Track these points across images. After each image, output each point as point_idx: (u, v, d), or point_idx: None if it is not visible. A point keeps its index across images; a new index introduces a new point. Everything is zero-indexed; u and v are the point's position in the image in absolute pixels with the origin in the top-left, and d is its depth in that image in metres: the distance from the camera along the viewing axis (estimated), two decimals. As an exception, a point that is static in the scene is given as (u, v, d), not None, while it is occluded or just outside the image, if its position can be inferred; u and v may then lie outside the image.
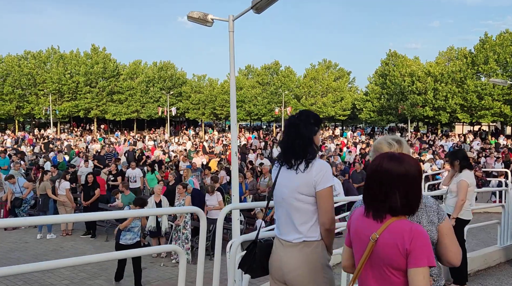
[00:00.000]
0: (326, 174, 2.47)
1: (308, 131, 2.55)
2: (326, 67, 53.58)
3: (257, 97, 50.41)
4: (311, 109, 48.63)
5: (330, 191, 2.48)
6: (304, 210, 2.48)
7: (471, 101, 37.63)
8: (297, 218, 2.49)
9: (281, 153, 2.62)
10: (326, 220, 2.46)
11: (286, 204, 2.54)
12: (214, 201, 10.00)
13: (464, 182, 5.20)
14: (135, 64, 54.48)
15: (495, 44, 37.51)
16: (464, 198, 5.21)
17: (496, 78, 17.10)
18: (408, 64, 44.64)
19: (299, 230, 2.48)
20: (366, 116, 47.37)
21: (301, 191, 2.47)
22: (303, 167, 2.48)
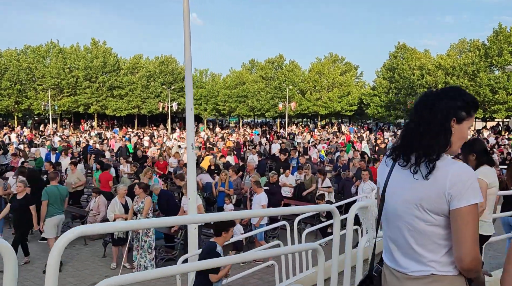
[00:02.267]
0: (469, 184, 1.69)
1: (446, 115, 1.73)
2: (332, 61, 51.93)
3: (260, 92, 48.96)
4: (316, 104, 47.55)
5: (474, 210, 1.69)
6: (430, 234, 1.76)
7: (484, 96, 35.79)
8: (420, 242, 1.78)
9: (398, 142, 1.88)
10: (463, 255, 1.67)
11: (402, 222, 1.82)
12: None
13: (482, 182, 3.73)
14: (136, 59, 53.32)
15: (510, 35, 35.61)
16: (483, 203, 3.76)
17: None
18: (417, 57, 42.84)
19: (422, 259, 1.77)
20: (373, 111, 45.68)
21: (425, 205, 1.73)
22: (425, 169, 1.72)
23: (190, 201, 5.59)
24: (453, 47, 42.66)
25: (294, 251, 3.14)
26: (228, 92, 50.39)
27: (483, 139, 25.80)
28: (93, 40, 51.54)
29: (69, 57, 49.61)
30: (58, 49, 50.11)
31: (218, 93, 51.03)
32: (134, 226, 3.60)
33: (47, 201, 7.14)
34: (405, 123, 1.91)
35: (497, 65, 36.03)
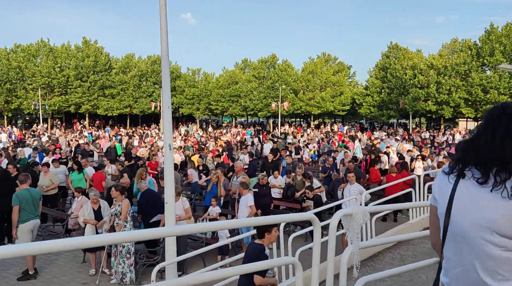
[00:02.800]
0: None
1: None
2: (325, 60, 51.79)
3: (253, 92, 48.69)
4: (309, 104, 47.39)
5: None
6: (506, 260, 1.52)
7: (475, 95, 35.84)
8: (491, 270, 1.54)
9: (468, 155, 1.65)
10: None
11: (470, 245, 1.60)
12: (178, 209, 8.18)
13: None
14: (128, 58, 52.78)
15: (501, 35, 35.67)
16: None
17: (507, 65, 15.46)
18: (410, 57, 42.84)
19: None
20: (366, 111, 45.60)
21: (501, 229, 1.50)
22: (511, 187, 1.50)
23: (168, 206, 5.29)
24: (445, 47, 42.71)
25: (267, 267, 2.84)
26: (221, 92, 50.06)
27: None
28: (84, 39, 50.97)
29: (59, 56, 48.99)
30: (48, 48, 49.47)
31: (210, 93, 50.68)
32: (104, 240, 3.28)
33: (19, 206, 6.76)
34: (472, 135, 1.71)
35: (489, 65, 36.10)
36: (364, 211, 3.06)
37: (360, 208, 3.01)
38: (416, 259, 7.48)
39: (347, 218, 3.02)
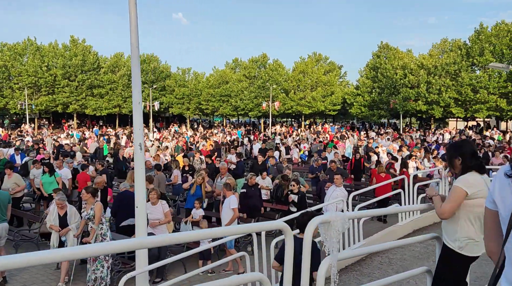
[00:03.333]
0: None
1: None
2: (316, 60, 51.62)
3: (244, 92, 48.35)
4: (300, 104, 47.14)
5: None
6: None
7: (465, 95, 35.92)
8: None
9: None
10: None
11: None
12: (158, 213, 7.70)
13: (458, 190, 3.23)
14: (117, 57, 52.06)
15: (491, 35, 35.79)
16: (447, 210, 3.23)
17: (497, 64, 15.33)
18: (400, 57, 42.84)
19: None
20: (356, 111, 45.51)
21: None
22: None
23: (138, 211, 4.95)
24: (435, 47, 42.80)
25: (233, 284, 2.51)
26: (211, 91, 49.65)
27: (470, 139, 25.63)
28: (72, 38, 50.16)
29: (47, 55, 48.11)
30: (35, 47, 48.57)
31: (201, 93, 50.23)
32: (74, 254, 2.84)
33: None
34: None
35: (479, 65, 36.20)
36: (344, 217, 2.76)
37: (338, 214, 2.71)
38: (405, 263, 7.22)
39: (325, 226, 2.72)
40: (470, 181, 3.28)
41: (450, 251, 3.34)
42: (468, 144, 3.49)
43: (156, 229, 7.65)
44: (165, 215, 7.79)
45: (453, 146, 3.53)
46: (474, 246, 3.29)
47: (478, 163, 3.37)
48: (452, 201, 3.27)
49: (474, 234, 3.29)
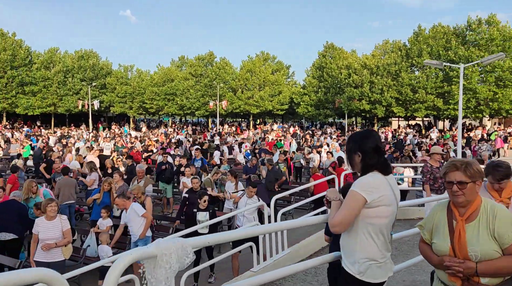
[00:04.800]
0: None
1: None
2: (263, 59, 51.22)
3: (190, 90, 46.85)
4: (248, 103, 46.53)
5: None
6: None
7: (405, 95, 36.95)
8: None
9: None
10: None
11: None
12: (55, 231, 6.17)
13: (356, 196, 2.50)
14: (51, 52, 48.51)
15: (428, 37, 37.09)
16: (342, 221, 2.47)
17: (432, 61, 15.46)
18: (345, 57, 43.44)
19: None
20: (303, 110, 45.59)
21: None
22: None
23: None
24: (378, 47, 43.84)
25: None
26: (155, 90, 47.65)
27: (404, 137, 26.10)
28: (0, 31, 46.02)
29: (-31, 48, 43.83)
30: (-44, 39, 44.11)
31: (145, 91, 48.07)
32: None
33: None
34: None
35: (417, 65, 37.38)
36: (182, 247, 1.85)
37: (172, 243, 1.78)
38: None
39: (150, 262, 1.80)
40: (371, 184, 2.50)
41: (349, 278, 2.56)
42: (372, 136, 2.68)
43: (49, 253, 6.13)
44: (64, 234, 6.25)
45: (353, 138, 2.72)
46: (377, 269, 2.51)
47: (382, 160, 2.61)
48: (346, 210, 2.49)
49: (377, 253, 2.52)
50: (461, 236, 2.30)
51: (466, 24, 35.83)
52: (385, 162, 2.63)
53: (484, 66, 33.94)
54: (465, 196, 2.34)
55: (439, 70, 35.88)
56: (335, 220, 2.50)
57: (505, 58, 33.09)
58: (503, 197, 3.42)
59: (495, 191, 3.47)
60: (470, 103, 34.35)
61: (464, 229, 2.33)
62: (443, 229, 2.42)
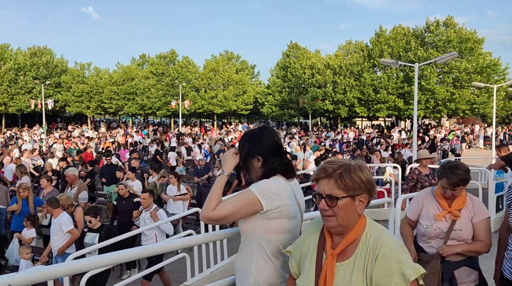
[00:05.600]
0: None
1: None
2: (227, 58, 50.43)
3: (150, 89, 45.33)
4: (211, 103, 45.65)
5: None
6: None
7: (368, 95, 37.30)
8: None
9: None
10: None
11: None
12: None
13: (250, 194, 1.98)
14: (2, 49, 45.57)
15: (389, 38, 37.62)
16: (222, 213, 2.04)
17: (387, 59, 15.39)
18: (308, 57, 43.44)
19: None
20: (267, 110, 45.22)
21: None
22: None
23: None
24: (341, 48, 44.15)
25: None
26: (114, 89, 45.77)
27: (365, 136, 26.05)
28: None
29: None
30: None
31: (103, 90, 46.07)
32: None
33: None
34: None
35: (379, 66, 37.82)
36: None
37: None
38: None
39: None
40: (272, 189, 1.92)
41: None
42: (269, 133, 2.09)
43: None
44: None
45: (247, 139, 2.08)
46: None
47: (284, 162, 2.06)
48: (234, 203, 1.91)
49: (274, 277, 1.95)
50: (327, 280, 1.57)
51: (425, 26, 36.61)
52: (288, 163, 2.08)
53: (442, 67, 34.78)
54: (338, 218, 1.57)
55: (399, 71, 36.46)
56: (216, 212, 1.89)
57: (462, 59, 34.05)
58: (453, 207, 2.79)
59: (445, 199, 2.82)
60: (429, 104, 35.10)
61: (332, 269, 1.58)
62: (310, 263, 1.68)
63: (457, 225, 2.74)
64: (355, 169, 1.58)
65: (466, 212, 2.78)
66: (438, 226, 2.80)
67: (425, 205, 2.91)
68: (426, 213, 2.88)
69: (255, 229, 1.94)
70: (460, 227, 2.74)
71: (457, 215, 2.76)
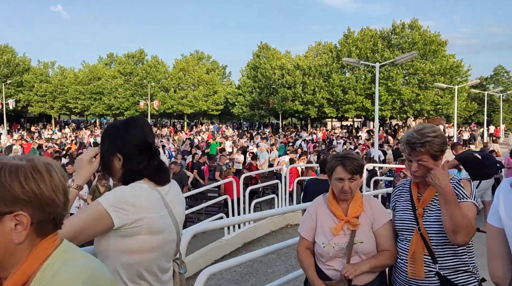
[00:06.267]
0: None
1: None
2: (198, 58, 49.86)
3: (118, 89, 44.23)
4: (181, 103, 45.01)
5: None
6: None
7: (336, 96, 37.62)
8: None
9: None
10: None
11: None
12: None
13: (98, 207, 1.65)
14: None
15: (357, 39, 38.09)
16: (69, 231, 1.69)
17: (349, 59, 15.50)
18: (278, 57, 43.50)
19: None
20: (238, 111, 44.98)
21: None
22: None
23: None
24: (311, 49, 44.43)
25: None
26: (80, 88, 44.40)
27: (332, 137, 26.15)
28: None
29: None
30: None
31: (68, 90, 44.61)
32: None
33: None
34: None
35: (347, 66, 38.23)
36: None
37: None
38: None
39: None
40: (127, 199, 1.57)
41: None
42: (135, 127, 1.72)
43: None
44: None
45: (109, 134, 1.75)
46: None
47: (155, 164, 1.71)
48: (80, 220, 1.53)
49: None
50: None
51: (391, 28, 37.29)
52: (159, 166, 1.72)
53: (407, 69, 35.51)
54: None
55: (367, 71, 36.99)
56: (64, 231, 1.36)
57: (426, 61, 34.88)
58: (350, 214, 2.24)
59: (340, 201, 2.29)
60: (396, 104, 35.74)
61: None
62: None
63: (358, 236, 2.20)
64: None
65: (365, 218, 2.26)
66: (336, 243, 2.20)
67: (319, 218, 2.30)
68: (321, 228, 2.28)
69: (108, 250, 1.57)
70: (361, 238, 2.20)
71: (356, 223, 2.21)
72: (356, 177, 2.25)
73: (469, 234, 1.92)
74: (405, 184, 2.30)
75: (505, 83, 49.54)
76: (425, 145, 2.02)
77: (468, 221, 1.90)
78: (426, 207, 2.11)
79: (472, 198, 2.01)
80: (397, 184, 2.40)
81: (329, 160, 2.35)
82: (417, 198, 2.16)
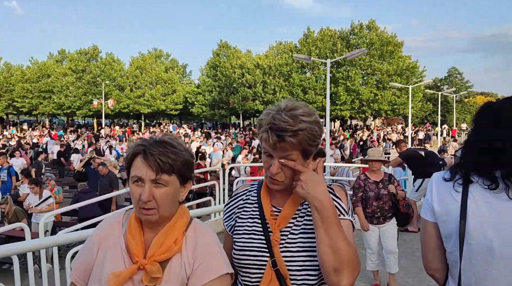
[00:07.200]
0: None
1: None
2: (156, 56, 48.23)
3: (69, 87, 41.89)
4: (138, 102, 43.30)
5: None
6: None
7: (296, 95, 37.37)
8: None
9: (471, 158, 1.40)
10: None
11: (501, 263, 1.30)
12: None
13: None
14: None
15: (317, 39, 38.04)
16: None
17: (300, 55, 15.04)
18: (238, 56, 42.78)
19: None
20: (198, 110, 43.86)
21: None
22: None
23: None
24: (271, 48, 44.04)
25: None
26: (27, 86, 41.68)
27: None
28: None
29: None
30: None
31: (14, 87, 41.77)
32: None
33: None
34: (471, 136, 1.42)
35: (307, 66, 38.09)
36: None
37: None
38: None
39: None
40: None
41: None
42: None
43: None
44: None
45: None
46: None
47: None
48: None
49: None
50: None
51: (350, 29, 37.51)
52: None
53: (366, 69, 35.80)
54: None
55: (327, 71, 37.03)
56: None
57: (383, 62, 35.30)
58: (151, 253, 1.21)
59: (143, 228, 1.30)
60: (355, 104, 35.95)
61: None
62: None
63: None
64: None
65: (177, 264, 1.22)
66: None
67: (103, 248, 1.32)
68: (99, 273, 1.24)
69: None
70: None
71: (154, 273, 1.18)
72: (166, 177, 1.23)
73: (354, 272, 1.20)
74: (249, 190, 1.44)
75: (458, 85, 51.35)
76: (298, 134, 1.22)
77: (354, 252, 1.21)
78: (286, 228, 1.32)
79: (350, 212, 1.32)
80: (236, 189, 1.51)
81: None
82: (270, 214, 1.34)
